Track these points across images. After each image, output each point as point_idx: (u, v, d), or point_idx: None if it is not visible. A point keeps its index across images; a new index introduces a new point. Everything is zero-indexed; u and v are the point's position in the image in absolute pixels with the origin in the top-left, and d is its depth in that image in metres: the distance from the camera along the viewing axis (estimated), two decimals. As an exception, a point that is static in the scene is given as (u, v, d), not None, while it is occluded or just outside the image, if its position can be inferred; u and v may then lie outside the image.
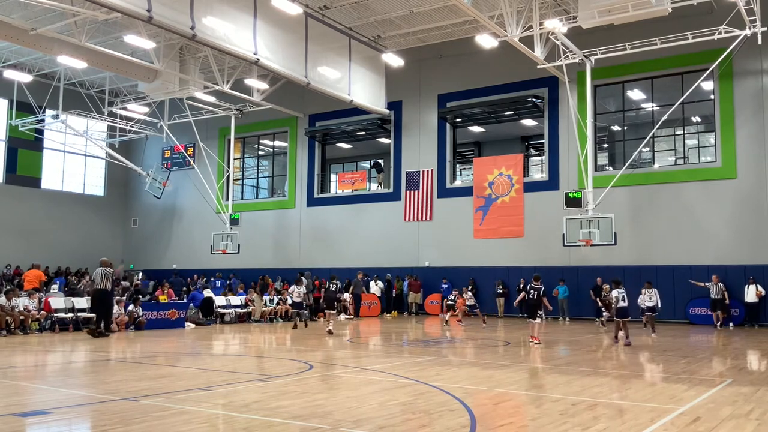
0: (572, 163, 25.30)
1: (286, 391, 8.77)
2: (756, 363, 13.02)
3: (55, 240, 33.55)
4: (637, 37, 21.12)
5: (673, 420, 7.00)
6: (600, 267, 24.39)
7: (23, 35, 22.61)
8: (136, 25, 22.90)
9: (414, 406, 7.77)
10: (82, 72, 30.02)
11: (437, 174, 28.80)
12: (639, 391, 8.80)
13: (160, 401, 7.90)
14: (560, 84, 24.80)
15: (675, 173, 24.22)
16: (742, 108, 22.95)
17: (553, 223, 24.09)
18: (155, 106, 32.60)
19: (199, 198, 32.76)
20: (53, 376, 10.97)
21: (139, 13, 18.03)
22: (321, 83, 24.55)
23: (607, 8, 18.08)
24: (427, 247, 28.65)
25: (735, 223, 22.77)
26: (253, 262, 31.75)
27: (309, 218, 32.01)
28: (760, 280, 21.57)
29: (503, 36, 20.63)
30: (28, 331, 17.38)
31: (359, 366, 11.83)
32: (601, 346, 15.27)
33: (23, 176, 33.41)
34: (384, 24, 25.49)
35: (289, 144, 33.26)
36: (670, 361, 12.51)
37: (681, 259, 23.41)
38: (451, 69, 28.61)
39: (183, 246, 35.26)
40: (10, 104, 32.10)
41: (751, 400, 8.19)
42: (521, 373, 10.84)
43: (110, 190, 37.53)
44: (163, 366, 11.82)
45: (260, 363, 12.48)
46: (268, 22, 21.94)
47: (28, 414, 7.26)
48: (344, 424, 6.68)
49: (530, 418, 7.37)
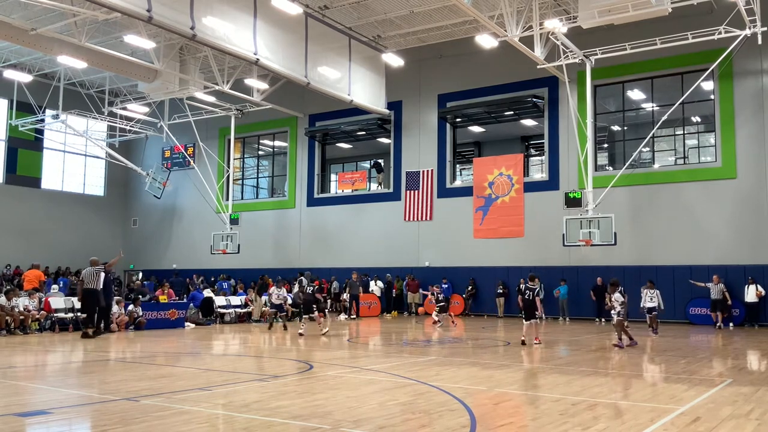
0: (572, 163, 25.30)
1: (286, 391, 8.77)
2: (756, 363, 13.02)
3: (55, 240, 33.55)
4: (637, 37, 21.12)
5: (673, 420, 7.00)
6: (600, 267, 24.41)
7: (23, 35, 22.61)
8: (136, 25, 22.91)
9: (414, 406, 7.77)
10: (82, 72, 30.02)
11: (437, 174, 28.81)
12: (639, 391, 8.80)
13: (160, 401, 7.90)
14: (560, 84, 24.80)
15: (675, 173, 24.22)
16: (742, 108, 22.95)
17: (553, 223, 24.09)
18: (155, 106, 32.61)
19: (199, 198, 32.77)
20: (53, 376, 10.96)
21: (139, 13, 18.04)
22: (321, 83, 24.56)
23: (607, 8, 18.08)
24: (427, 247, 28.65)
25: (735, 223, 22.77)
26: (253, 262, 31.75)
27: (309, 218, 32.01)
28: (760, 280, 21.56)
29: (503, 36, 20.63)
30: (28, 331, 17.38)
31: (359, 366, 11.83)
32: (601, 346, 15.27)
33: (23, 176, 33.43)
34: (384, 24, 25.50)
35: (289, 144, 33.27)
36: (670, 361, 12.51)
37: (681, 259, 23.41)
38: (451, 69, 28.62)
39: (183, 246, 35.27)
40: (10, 104, 32.11)
41: (751, 400, 8.18)
42: (521, 373, 10.84)
43: (110, 190, 37.54)
44: (163, 366, 11.82)
45: (260, 363, 12.48)
46: (268, 22, 21.95)
47: (28, 414, 7.26)
48: (344, 424, 6.68)
49: (530, 418, 7.37)
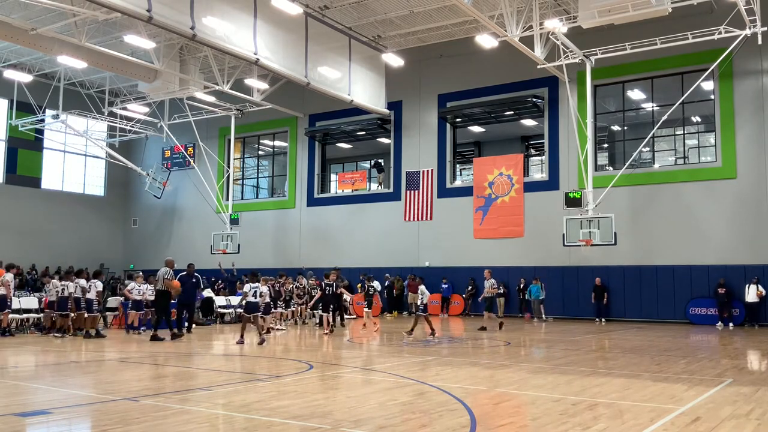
0: (572, 163, 25.30)
1: (286, 391, 8.77)
2: (756, 363, 13.03)
3: (55, 240, 33.54)
4: (637, 37, 21.12)
5: (673, 420, 7.00)
6: (600, 267, 24.41)
7: (23, 35, 22.61)
8: (136, 25, 22.91)
9: (414, 406, 7.77)
10: (82, 72, 30.01)
11: (437, 174, 28.80)
12: (639, 391, 8.80)
13: (160, 401, 7.90)
14: (560, 84, 24.80)
15: (675, 173, 24.22)
16: (742, 108, 22.95)
17: (553, 223, 24.08)
18: (155, 106, 32.61)
19: (199, 198, 32.77)
20: (53, 376, 10.96)
21: (139, 13, 18.04)
22: (321, 83, 24.56)
23: (607, 8, 18.07)
24: (427, 247, 28.65)
25: (735, 223, 22.77)
26: (253, 262, 31.69)
27: (309, 218, 32.02)
28: (760, 280, 21.55)
29: (503, 36, 20.63)
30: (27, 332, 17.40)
31: (359, 366, 11.83)
32: (601, 347, 15.27)
33: (23, 176, 33.41)
34: (384, 24, 25.50)
35: (289, 144, 33.27)
36: (670, 361, 12.51)
37: (681, 259, 23.41)
38: (451, 69, 28.61)
39: (183, 246, 35.21)
40: (10, 104, 32.09)
41: (751, 400, 8.18)
42: (521, 373, 10.84)
43: (110, 190, 37.53)
44: (163, 366, 11.82)
45: (260, 363, 12.47)
46: (268, 22, 21.94)
47: (28, 414, 7.26)
48: (344, 424, 6.68)
49: (530, 418, 7.37)
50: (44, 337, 16.99)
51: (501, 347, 15.29)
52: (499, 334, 18.16)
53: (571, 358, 12.91)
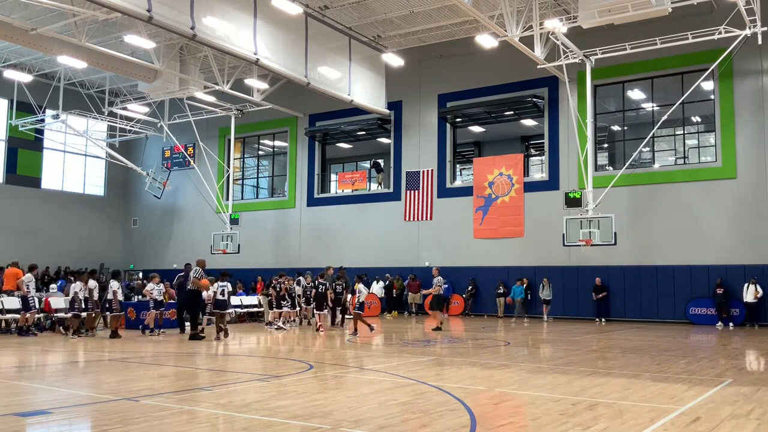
0: (572, 163, 25.30)
1: (286, 391, 8.77)
2: (756, 363, 13.03)
3: (55, 240, 33.53)
4: (637, 37, 21.11)
5: (673, 420, 7.00)
6: (600, 267, 24.42)
7: (23, 35, 22.60)
8: (136, 25, 22.91)
9: (414, 406, 7.77)
10: (82, 72, 30.01)
11: (437, 174, 28.80)
12: (639, 391, 8.80)
13: (160, 401, 7.90)
14: (560, 84, 24.80)
15: (675, 173, 24.22)
16: (742, 108, 22.95)
17: (553, 223, 24.08)
18: (155, 106, 32.60)
19: (199, 198, 32.77)
20: (53, 376, 10.96)
21: (139, 13, 18.03)
22: (321, 83, 24.55)
23: (607, 8, 18.06)
24: (427, 247, 28.64)
25: (735, 223, 22.77)
26: (253, 262, 31.75)
27: (309, 218, 32.01)
28: (759, 280, 21.55)
29: (503, 36, 20.63)
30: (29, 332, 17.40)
31: (359, 366, 11.83)
32: (601, 347, 15.28)
33: (23, 176, 33.40)
34: (384, 24, 25.49)
35: (289, 144, 33.27)
36: (670, 361, 12.51)
37: (681, 259, 23.41)
38: (451, 69, 28.61)
39: (183, 246, 35.21)
40: (10, 104, 32.08)
41: (751, 400, 8.19)
42: (521, 373, 10.84)
43: (110, 190, 37.52)
44: (163, 366, 11.82)
45: (260, 363, 12.48)
46: (268, 22, 21.94)
47: (28, 414, 7.26)
48: (344, 424, 6.68)
49: (530, 418, 7.37)
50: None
51: (501, 347, 15.30)
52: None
53: (571, 358, 12.91)
